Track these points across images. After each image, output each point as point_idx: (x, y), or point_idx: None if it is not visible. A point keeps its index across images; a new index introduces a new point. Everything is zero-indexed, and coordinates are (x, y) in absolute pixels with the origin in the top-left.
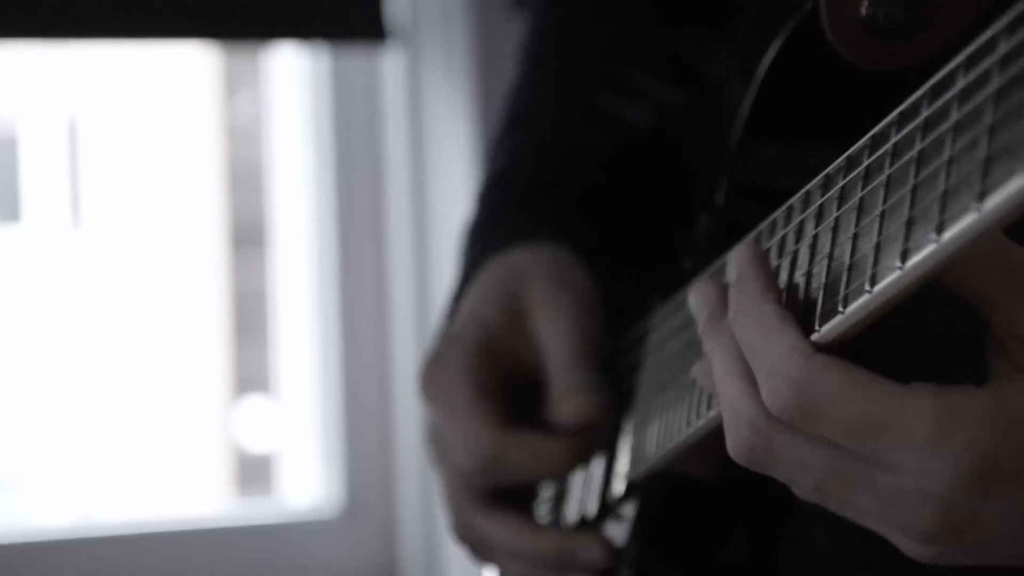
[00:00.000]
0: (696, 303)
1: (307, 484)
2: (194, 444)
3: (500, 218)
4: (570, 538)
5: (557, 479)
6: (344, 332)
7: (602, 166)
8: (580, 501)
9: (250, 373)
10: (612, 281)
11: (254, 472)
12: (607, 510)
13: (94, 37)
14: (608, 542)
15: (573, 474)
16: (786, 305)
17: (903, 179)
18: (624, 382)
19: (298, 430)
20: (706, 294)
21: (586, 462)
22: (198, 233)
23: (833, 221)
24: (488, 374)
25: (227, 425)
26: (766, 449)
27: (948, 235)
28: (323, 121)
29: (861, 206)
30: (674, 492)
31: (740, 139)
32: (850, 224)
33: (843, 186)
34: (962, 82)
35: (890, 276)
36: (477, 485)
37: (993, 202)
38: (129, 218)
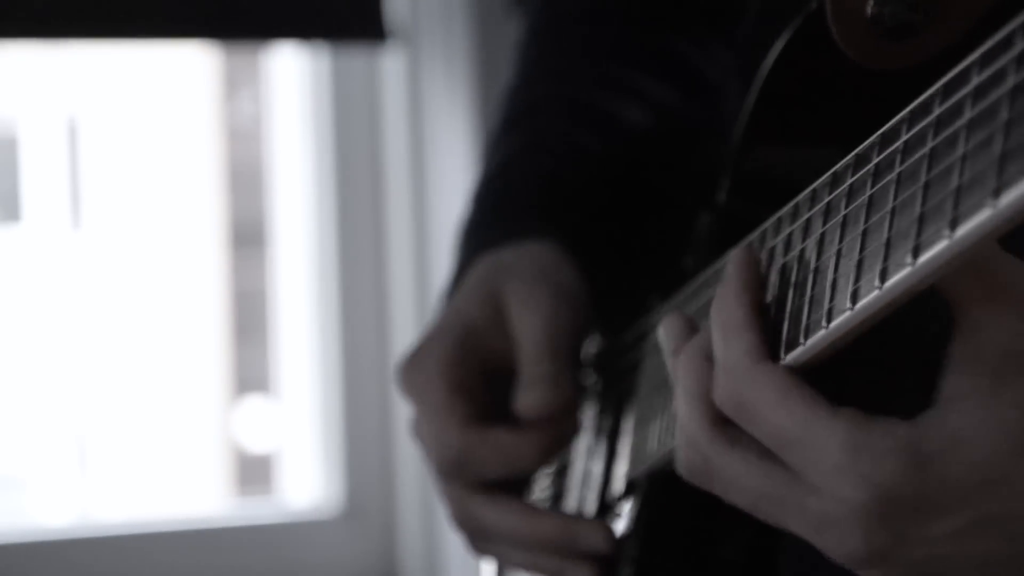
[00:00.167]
0: (663, 336)
1: (307, 484)
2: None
3: (493, 217)
4: (572, 523)
5: (528, 474)
6: (344, 332)
7: (598, 166)
8: (579, 499)
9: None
10: (609, 280)
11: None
12: (606, 509)
13: (94, 37)
14: (610, 529)
15: (543, 467)
16: (793, 299)
17: (914, 176)
18: (624, 381)
19: (298, 430)
20: (671, 327)
21: (555, 455)
22: (198, 233)
23: (841, 218)
24: (466, 370)
25: (227, 425)
26: (704, 467)
27: (961, 231)
28: (323, 121)
29: (871, 202)
30: (674, 491)
31: (743, 137)
32: (859, 220)
33: (851, 183)
34: (976, 79)
35: (901, 272)
36: (457, 479)
37: (1009, 198)
38: (129, 218)
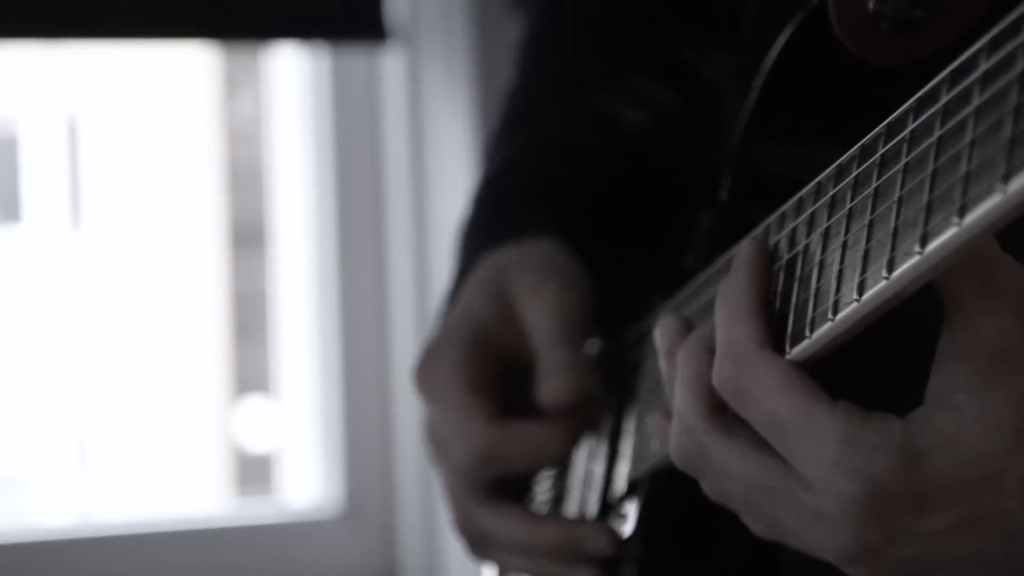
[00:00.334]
0: (658, 336)
1: (307, 484)
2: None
3: (494, 217)
4: (574, 528)
5: (556, 464)
6: (344, 332)
7: (598, 166)
8: (581, 500)
9: (250, 373)
10: (610, 280)
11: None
12: (609, 509)
13: (94, 37)
14: (613, 531)
15: (571, 458)
16: (798, 293)
17: (922, 164)
18: (625, 381)
19: (298, 430)
20: (666, 327)
21: (578, 442)
22: (198, 233)
23: (847, 210)
24: (480, 367)
25: (227, 425)
26: (699, 455)
27: (970, 218)
28: (323, 121)
29: (877, 193)
30: (676, 490)
31: (745, 133)
32: (865, 211)
33: (857, 175)
34: (985, 65)
35: (909, 261)
36: (477, 480)
37: (1019, 183)
38: (129, 218)
